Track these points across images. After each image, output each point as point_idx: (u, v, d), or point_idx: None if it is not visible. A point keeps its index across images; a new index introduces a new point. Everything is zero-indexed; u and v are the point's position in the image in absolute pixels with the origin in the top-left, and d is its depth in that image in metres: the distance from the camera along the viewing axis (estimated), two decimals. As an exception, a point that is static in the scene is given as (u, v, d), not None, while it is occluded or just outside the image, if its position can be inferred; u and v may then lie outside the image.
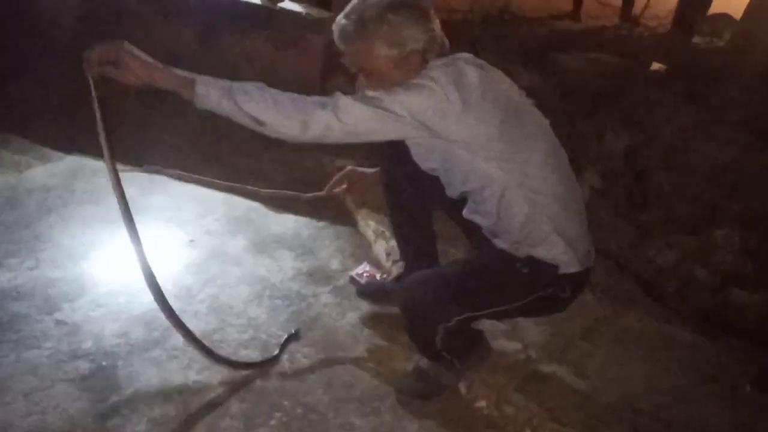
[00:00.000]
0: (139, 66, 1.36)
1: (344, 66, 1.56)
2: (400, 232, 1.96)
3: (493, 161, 1.46)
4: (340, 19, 1.48)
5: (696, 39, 5.36)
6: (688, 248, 2.43)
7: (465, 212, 1.62)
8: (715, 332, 2.28)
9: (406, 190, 1.84)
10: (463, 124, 1.42)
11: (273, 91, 1.42)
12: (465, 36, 3.95)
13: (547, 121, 1.57)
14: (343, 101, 1.41)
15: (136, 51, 1.38)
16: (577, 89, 3.39)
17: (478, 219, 1.60)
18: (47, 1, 3.07)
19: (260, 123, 1.40)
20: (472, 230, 1.68)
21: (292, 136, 1.42)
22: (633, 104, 2.80)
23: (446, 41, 1.56)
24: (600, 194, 2.80)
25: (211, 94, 1.38)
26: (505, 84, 1.54)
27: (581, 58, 3.69)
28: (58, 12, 3.04)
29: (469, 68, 1.46)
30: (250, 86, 1.40)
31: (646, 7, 6.17)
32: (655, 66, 3.83)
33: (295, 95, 1.43)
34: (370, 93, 1.43)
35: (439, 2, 1.54)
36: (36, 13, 3.01)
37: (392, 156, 1.79)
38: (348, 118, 1.40)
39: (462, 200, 1.62)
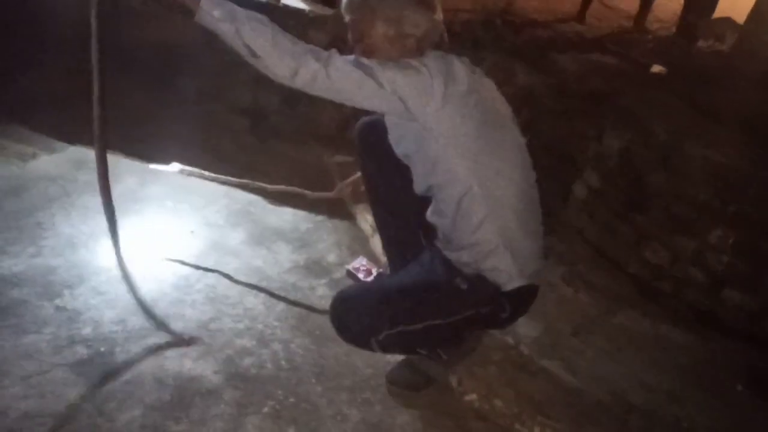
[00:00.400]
0: None
1: None
2: (380, 225, 1.98)
3: (462, 159, 1.48)
4: None
5: (699, 42, 5.37)
6: (684, 249, 2.44)
7: (428, 213, 1.64)
8: (708, 332, 2.30)
9: (381, 182, 1.87)
10: (441, 114, 1.45)
11: (277, 28, 1.43)
12: (467, 36, 3.97)
13: (523, 140, 1.60)
14: (337, 58, 1.44)
15: None
16: (576, 89, 3.41)
17: (435, 220, 1.62)
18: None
19: (254, 55, 1.41)
20: (428, 236, 1.70)
21: (280, 77, 1.43)
22: (631, 105, 2.80)
23: (446, 36, 1.60)
24: (597, 194, 2.81)
25: (215, 12, 1.38)
26: (492, 94, 1.58)
27: (581, 59, 3.71)
28: (63, 7, 3.08)
29: (462, 67, 1.50)
30: (255, 16, 1.41)
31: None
32: (656, 68, 3.85)
33: (296, 39, 1.44)
34: (364, 60, 1.46)
35: (442, 2, 1.59)
36: (41, 7, 3.04)
37: (369, 145, 1.83)
38: (336, 75, 1.42)
39: (426, 201, 1.63)
